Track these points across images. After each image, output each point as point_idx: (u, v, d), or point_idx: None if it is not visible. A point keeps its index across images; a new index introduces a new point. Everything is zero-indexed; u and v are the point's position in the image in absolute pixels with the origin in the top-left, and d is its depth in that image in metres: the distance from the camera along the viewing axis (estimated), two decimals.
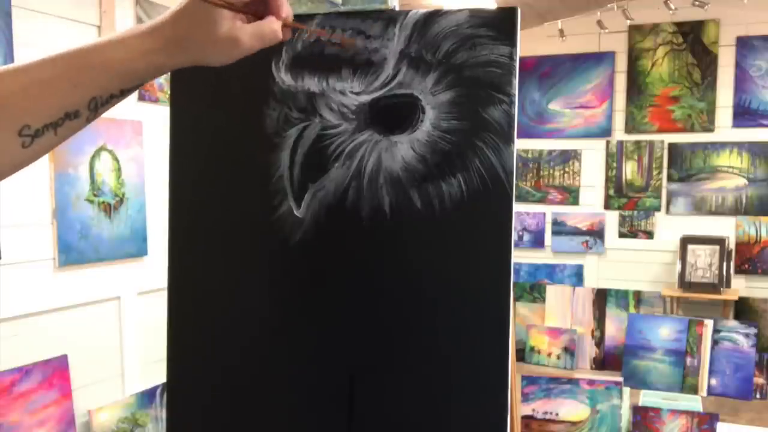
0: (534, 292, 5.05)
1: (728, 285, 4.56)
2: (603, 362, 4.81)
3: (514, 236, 0.98)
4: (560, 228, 5.15)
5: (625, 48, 4.90)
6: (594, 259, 5.07)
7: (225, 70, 0.77)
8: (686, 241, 4.61)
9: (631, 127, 4.92)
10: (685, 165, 4.80)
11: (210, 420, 1.10)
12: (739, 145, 4.66)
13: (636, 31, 4.83)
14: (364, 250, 1.02)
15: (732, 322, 4.33)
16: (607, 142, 4.99)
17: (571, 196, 5.13)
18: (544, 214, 5.20)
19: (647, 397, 3.12)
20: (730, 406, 4.06)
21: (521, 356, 4.87)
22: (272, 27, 0.72)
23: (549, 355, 4.84)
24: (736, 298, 4.48)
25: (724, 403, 4.09)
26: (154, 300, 2.93)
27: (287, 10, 0.75)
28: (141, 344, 2.90)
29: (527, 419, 3.04)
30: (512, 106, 0.96)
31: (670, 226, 4.83)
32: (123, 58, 0.68)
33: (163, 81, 2.90)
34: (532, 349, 4.89)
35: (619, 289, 4.87)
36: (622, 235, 4.99)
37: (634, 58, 4.89)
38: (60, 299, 2.55)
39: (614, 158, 4.97)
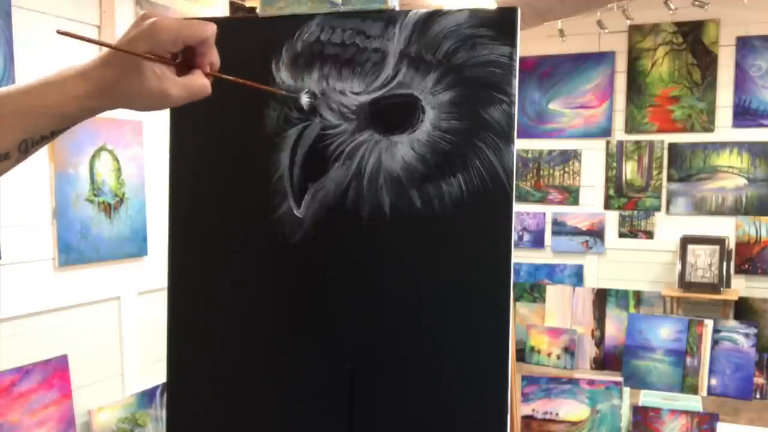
0: (534, 292, 5.05)
1: (728, 285, 4.56)
2: (603, 362, 4.81)
3: (514, 236, 0.98)
4: (560, 228, 5.15)
5: (625, 48, 4.90)
6: (594, 259, 5.07)
7: (225, 70, 0.77)
8: (686, 241, 4.61)
9: (631, 127, 4.92)
10: (685, 165, 4.80)
11: (210, 420, 1.10)
12: (739, 145, 4.67)
13: (636, 31, 4.83)
14: (364, 250, 1.02)
15: (732, 322, 4.33)
16: (607, 142, 4.99)
17: (571, 196, 5.13)
18: (544, 214, 5.20)
19: (647, 397, 3.12)
20: (730, 406, 4.06)
21: (521, 356, 4.88)
22: (202, 82, 0.73)
23: (549, 355, 4.84)
24: (736, 298, 4.48)
25: (724, 403, 4.09)
26: (154, 300, 2.93)
27: (215, 60, 0.75)
28: (141, 344, 2.90)
29: (527, 419, 3.04)
30: (512, 106, 0.96)
31: (670, 226, 4.83)
32: (55, 102, 0.68)
33: None
34: (532, 349, 4.89)
35: (619, 289, 4.87)
36: (622, 235, 4.99)
37: (634, 58, 4.89)
38: (60, 299, 2.54)
39: (614, 158, 4.97)
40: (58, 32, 0.66)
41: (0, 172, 0.69)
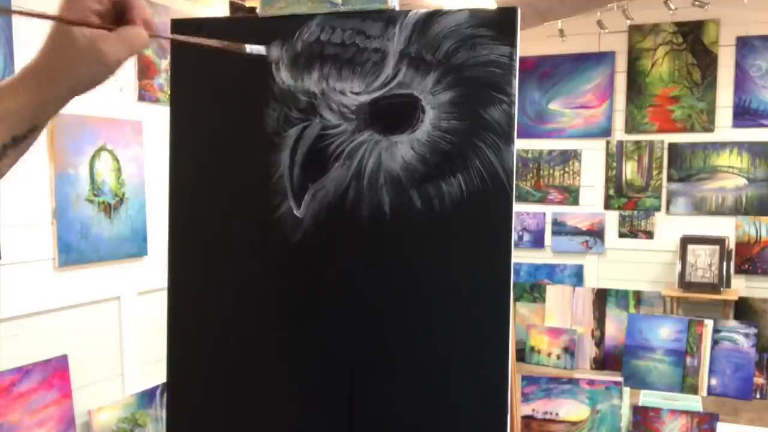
0: (534, 292, 5.05)
1: (728, 285, 4.56)
2: (603, 362, 4.81)
3: (514, 236, 0.98)
4: (560, 228, 5.14)
5: (625, 48, 4.90)
6: (594, 259, 5.07)
7: (225, 70, 0.77)
8: (686, 241, 4.61)
9: (631, 127, 4.92)
10: (685, 165, 4.80)
11: (210, 420, 1.10)
12: (739, 145, 4.66)
13: (636, 31, 4.83)
14: (364, 250, 1.02)
15: (732, 322, 4.33)
16: (607, 142, 4.99)
17: (571, 196, 5.13)
18: (544, 214, 5.20)
19: (647, 397, 3.12)
20: (730, 406, 4.06)
21: (521, 356, 4.87)
22: (134, 32, 0.69)
23: (549, 355, 4.84)
24: (736, 298, 4.47)
25: (724, 403, 4.09)
26: (154, 300, 2.92)
27: (148, 16, 0.71)
28: (141, 344, 2.90)
29: (527, 419, 3.04)
30: (512, 106, 0.96)
31: (670, 226, 4.83)
32: (3, 106, 0.66)
33: (163, 81, 2.89)
34: (532, 349, 4.89)
35: (619, 289, 4.87)
36: (622, 235, 4.98)
37: (634, 58, 4.89)
38: (60, 299, 2.55)
39: (614, 158, 4.97)
40: None
41: None
